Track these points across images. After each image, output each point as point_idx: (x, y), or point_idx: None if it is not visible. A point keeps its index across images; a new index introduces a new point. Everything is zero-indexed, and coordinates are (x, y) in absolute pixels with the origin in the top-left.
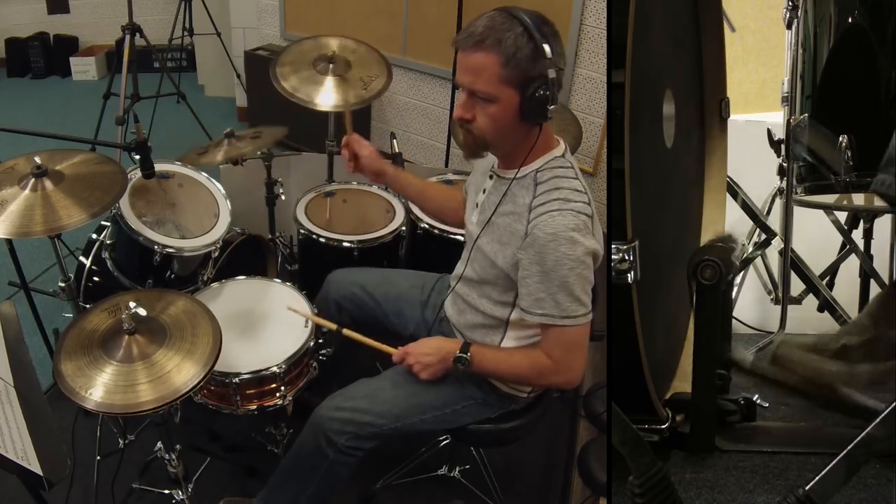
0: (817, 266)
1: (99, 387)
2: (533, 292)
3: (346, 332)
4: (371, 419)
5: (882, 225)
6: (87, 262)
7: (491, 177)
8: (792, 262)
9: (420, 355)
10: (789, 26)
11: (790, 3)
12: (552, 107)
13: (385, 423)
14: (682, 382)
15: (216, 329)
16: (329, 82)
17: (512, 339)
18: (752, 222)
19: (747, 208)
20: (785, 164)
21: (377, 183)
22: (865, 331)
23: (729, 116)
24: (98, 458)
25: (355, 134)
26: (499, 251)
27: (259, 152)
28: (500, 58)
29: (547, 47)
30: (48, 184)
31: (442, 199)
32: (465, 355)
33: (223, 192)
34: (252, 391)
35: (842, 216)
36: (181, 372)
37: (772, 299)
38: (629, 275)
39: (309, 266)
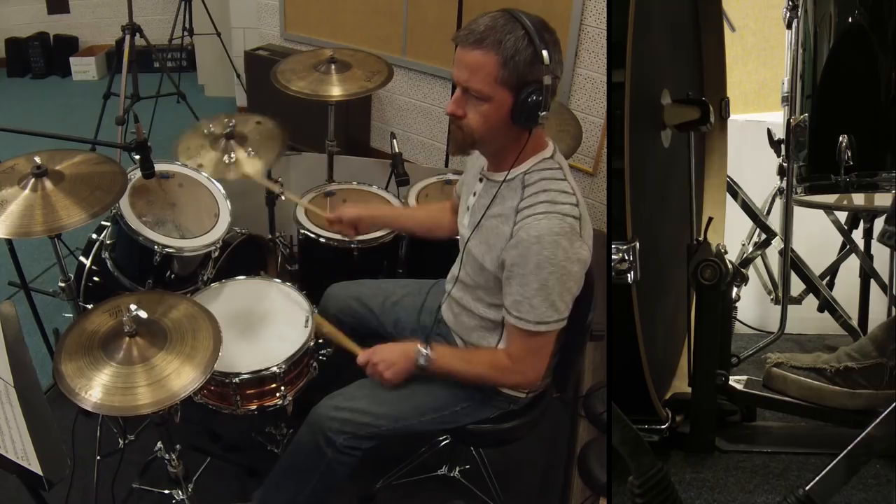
0: (817, 266)
1: (98, 388)
2: (512, 293)
3: (316, 317)
4: (370, 419)
5: (882, 225)
6: (87, 262)
7: (481, 179)
8: (792, 262)
9: (384, 353)
10: (789, 26)
11: (790, 3)
12: (544, 113)
13: (384, 424)
14: (682, 382)
15: (217, 333)
16: (334, 78)
17: None
18: (752, 222)
19: (747, 208)
20: (785, 164)
21: (366, 232)
22: (868, 356)
23: (729, 116)
24: (98, 458)
25: (331, 215)
26: (486, 253)
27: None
28: (499, 58)
29: (546, 53)
30: (48, 184)
31: (430, 218)
32: (424, 351)
33: (223, 192)
34: (252, 391)
35: (842, 216)
36: (180, 376)
37: (772, 299)
38: (629, 275)
39: (309, 266)
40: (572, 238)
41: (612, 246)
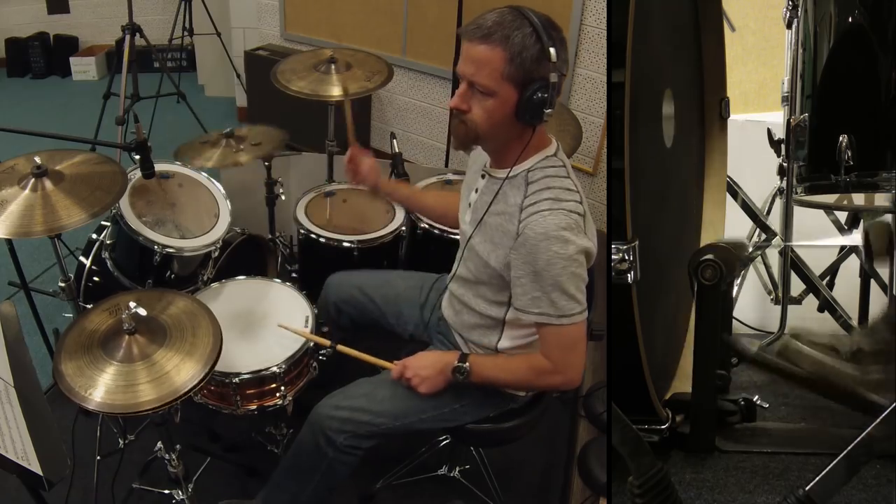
0: (817, 266)
1: (99, 387)
2: (528, 291)
3: (340, 348)
4: (369, 418)
5: None
6: (87, 262)
7: (483, 176)
8: (792, 262)
9: (418, 368)
10: (789, 26)
11: (790, 3)
12: (549, 111)
13: (384, 423)
14: (682, 382)
15: (216, 329)
16: (334, 78)
17: (509, 338)
18: (752, 222)
19: (747, 208)
20: (785, 164)
21: (375, 195)
22: (879, 334)
23: (729, 116)
24: (98, 458)
25: (355, 146)
26: (491, 251)
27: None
28: (506, 54)
29: (553, 51)
30: (48, 184)
31: (443, 204)
32: (463, 365)
33: (223, 192)
34: (252, 391)
35: (842, 216)
36: (181, 372)
37: (772, 299)
38: (629, 275)
39: (309, 266)
40: (577, 232)
41: (612, 246)
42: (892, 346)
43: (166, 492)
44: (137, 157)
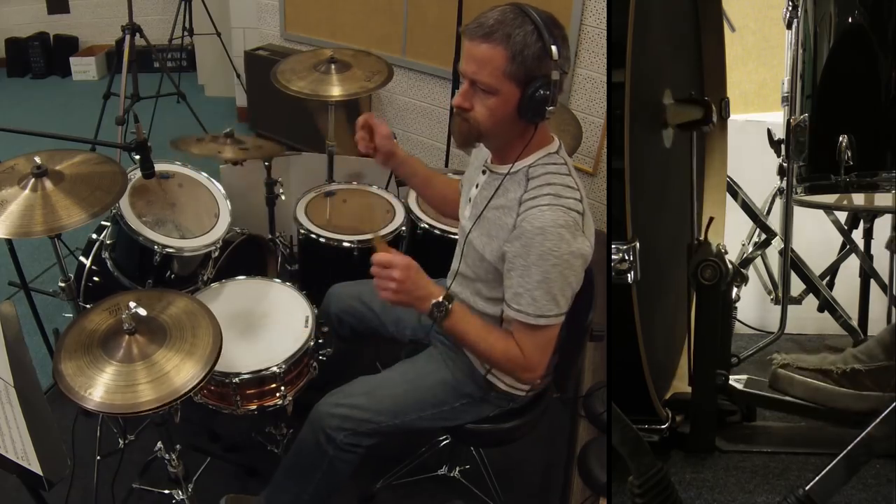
0: (817, 266)
1: (99, 387)
2: (513, 286)
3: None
4: (369, 416)
5: (882, 225)
6: (87, 262)
7: (484, 171)
8: (792, 262)
9: (404, 281)
10: (789, 26)
11: (790, 3)
12: (551, 108)
13: (383, 420)
14: (682, 382)
15: (216, 329)
16: (334, 78)
17: None
18: (752, 222)
19: (747, 208)
20: (785, 164)
21: (386, 166)
22: (875, 359)
23: (729, 116)
24: (98, 458)
25: (370, 114)
26: (487, 244)
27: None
28: (507, 52)
29: (554, 49)
30: (48, 184)
31: (446, 189)
32: (446, 304)
33: (223, 192)
34: (252, 391)
35: (842, 216)
36: (181, 372)
37: (772, 299)
38: (629, 275)
39: (309, 266)
40: (575, 232)
41: (612, 246)
42: (888, 369)
43: (166, 492)
44: (137, 157)
